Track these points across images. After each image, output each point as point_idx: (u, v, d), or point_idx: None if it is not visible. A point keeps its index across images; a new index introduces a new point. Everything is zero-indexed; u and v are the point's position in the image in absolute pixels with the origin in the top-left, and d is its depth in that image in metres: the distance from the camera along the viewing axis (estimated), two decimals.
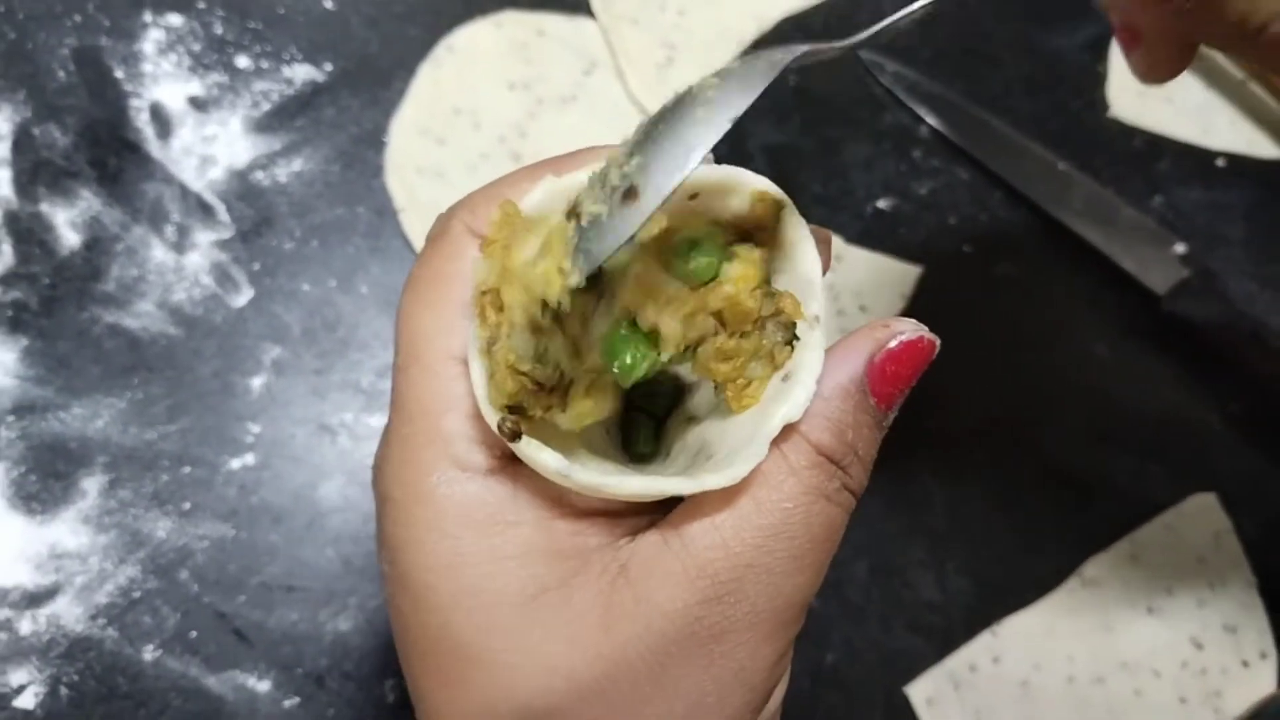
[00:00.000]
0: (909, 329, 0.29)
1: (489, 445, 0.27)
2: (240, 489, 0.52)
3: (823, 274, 0.29)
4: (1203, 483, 0.57)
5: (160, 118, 0.57)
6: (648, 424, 0.32)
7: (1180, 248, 0.59)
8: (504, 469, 0.27)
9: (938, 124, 0.60)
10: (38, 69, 0.56)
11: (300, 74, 0.58)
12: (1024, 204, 0.60)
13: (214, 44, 0.58)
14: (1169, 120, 0.62)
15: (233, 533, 0.52)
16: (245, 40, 0.58)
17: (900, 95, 0.61)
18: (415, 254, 0.52)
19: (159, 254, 0.55)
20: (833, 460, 0.28)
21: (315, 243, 0.56)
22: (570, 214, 0.26)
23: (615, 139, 0.63)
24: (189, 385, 0.53)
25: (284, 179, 0.57)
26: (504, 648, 0.27)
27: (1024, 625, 0.54)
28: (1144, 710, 0.54)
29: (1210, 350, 0.58)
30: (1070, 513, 0.56)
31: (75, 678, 0.49)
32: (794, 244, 0.28)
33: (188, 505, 0.52)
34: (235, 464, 0.52)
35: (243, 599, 0.51)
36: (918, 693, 0.53)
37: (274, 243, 0.56)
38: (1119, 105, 0.62)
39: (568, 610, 0.27)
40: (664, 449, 0.31)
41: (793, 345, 0.28)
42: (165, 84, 0.57)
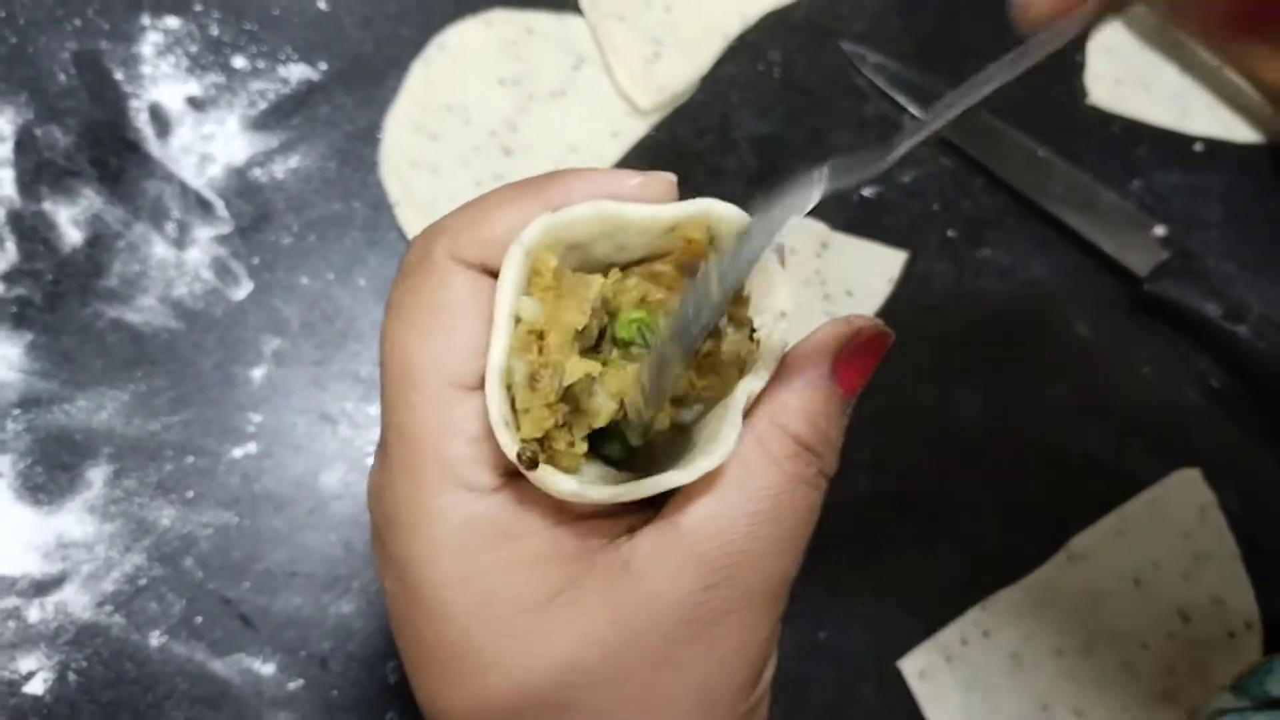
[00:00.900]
0: (868, 324, 0.31)
1: (493, 466, 0.29)
2: (243, 477, 0.53)
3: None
4: (1186, 458, 0.58)
5: (159, 118, 0.58)
6: (618, 433, 0.33)
7: (1160, 230, 0.60)
8: (507, 485, 0.29)
9: (920, 113, 0.62)
10: (39, 72, 0.58)
11: (296, 73, 0.59)
12: (1005, 190, 0.61)
13: (211, 45, 0.59)
14: (1146, 106, 0.63)
15: (236, 520, 0.53)
16: (241, 41, 0.60)
17: (882, 86, 0.62)
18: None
19: (160, 250, 0.56)
20: (810, 449, 0.30)
21: (313, 237, 0.57)
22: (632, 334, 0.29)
23: (604, 132, 0.64)
24: (191, 377, 0.54)
25: (281, 175, 0.58)
26: (520, 650, 0.28)
27: (1013, 599, 0.55)
28: (1132, 681, 0.55)
29: (1190, 329, 0.59)
30: (1056, 489, 0.57)
31: (83, 664, 0.50)
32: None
33: (191, 494, 0.53)
34: (238, 453, 0.53)
35: (247, 584, 0.52)
36: (910, 666, 0.54)
37: (272, 238, 0.57)
38: (1097, 93, 0.63)
39: (579, 609, 0.28)
40: (639, 452, 0.33)
41: (756, 342, 0.30)
42: (164, 85, 0.59)
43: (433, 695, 0.30)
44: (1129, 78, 0.64)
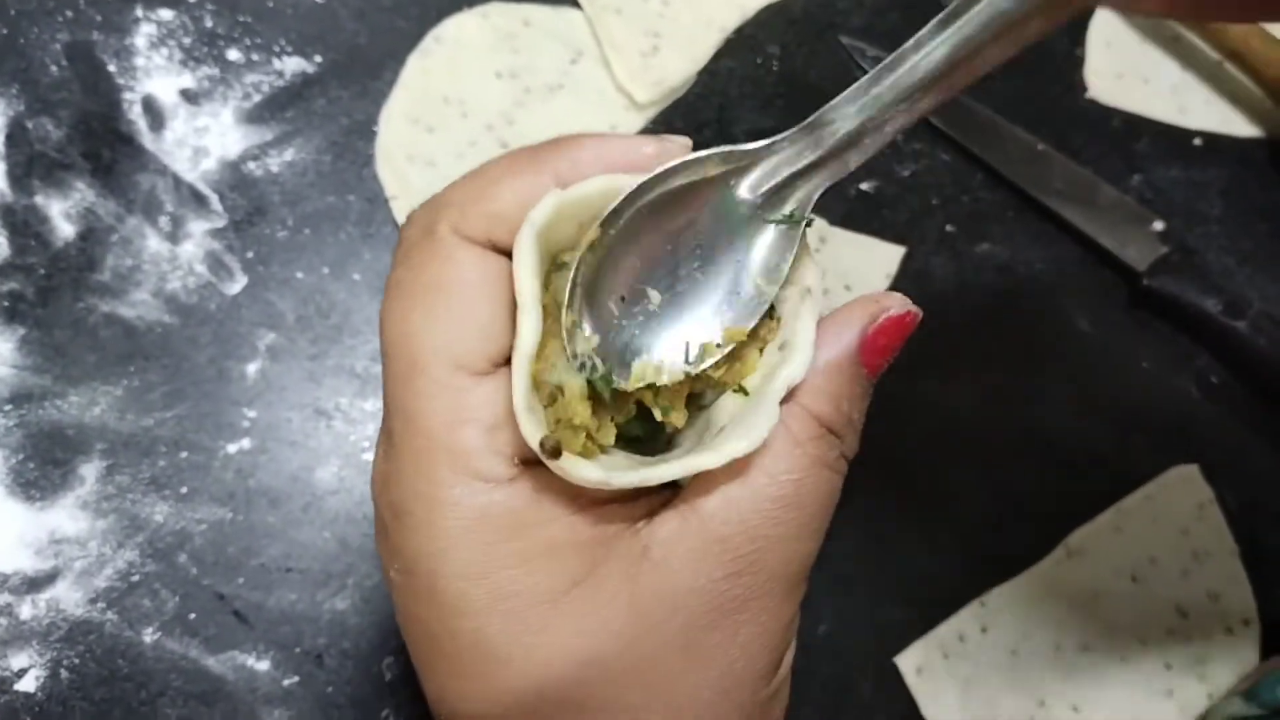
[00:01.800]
0: (896, 304, 0.30)
1: (509, 455, 0.27)
2: (237, 473, 0.53)
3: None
4: (1184, 454, 0.58)
5: (153, 110, 0.57)
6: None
7: (1159, 225, 0.60)
8: (524, 474, 0.28)
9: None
10: (30, 63, 0.57)
11: (290, 66, 0.59)
12: (1005, 185, 0.61)
13: (205, 37, 0.59)
14: (1146, 101, 0.63)
15: (230, 516, 0.52)
16: (236, 33, 0.59)
17: None
18: None
19: (153, 244, 0.55)
20: (833, 430, 0.29)
21: (308, 231, 0.57)
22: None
23: (601, 126, 0.64)
24: (185, 372, 0.54)
25: (276, 169, 0.57)
26: (538, 644, 0.27)
27: (1011, 595, 0.55)
28: (1130, 677, 0.54)
29: (1190, 324, 0.59)
30: (1055, 485, 0.57)
31: (76, 661, 0.50)
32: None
33: (185, 489, 0.52)
34: (232, 448, 0.53)
35: (241, 581, 0.51)
36: (907, 662, 0.54)
37: (267, 231, 0.56)
38: (1096, 87, 0.63)
39: (598, 599, 0.28)
40: (653, 429, 0.32)
41: (776, 319, 0.30)
42: (157, 77, 0.58)
43: (443, 691, 0.29)
44: (1129, 72, 0.63)
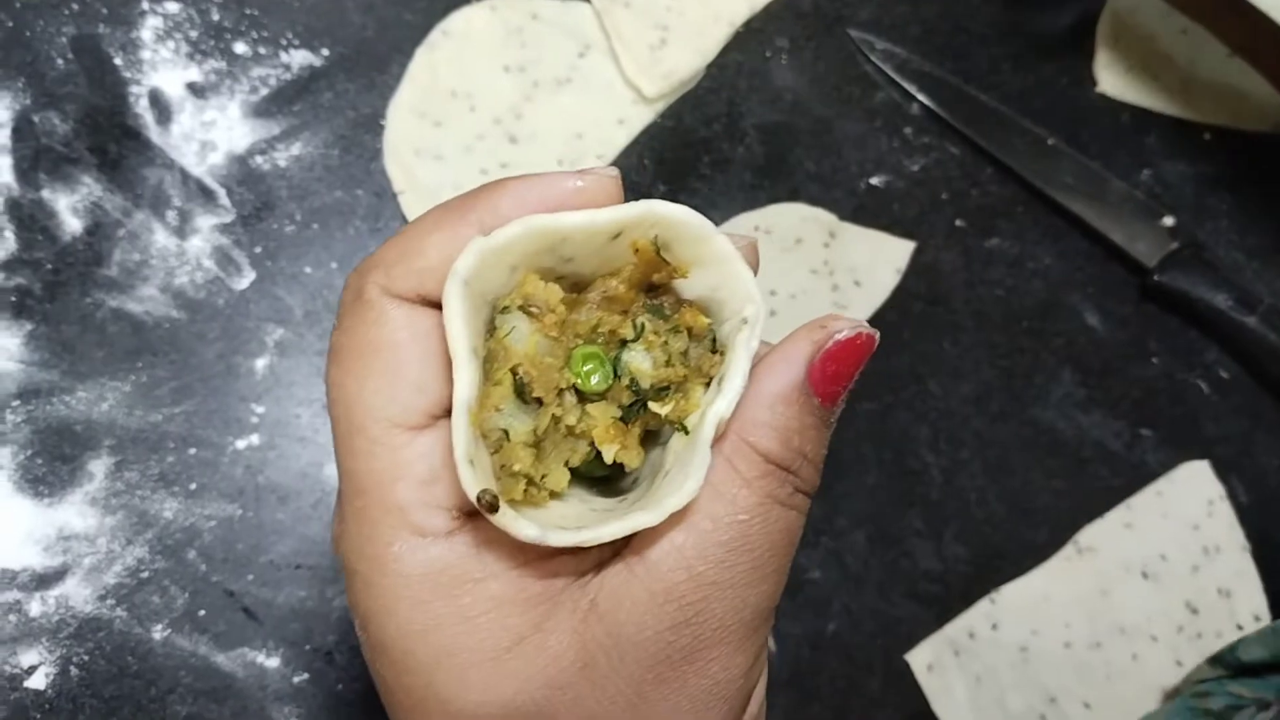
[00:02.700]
0: (845, 326, 0.29)
1: (448, 508, 0.27)
2: (246, 469, 0.53)
3: (754, 275, 0.29)
4: (1195, 450, 0.58)
5: (159, 104, 0.57)
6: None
7: (1169, 220, 0.60)
8: (464, 527, 0.27)
9: (928, 101, 0.61)
10: (36, 57, 0.57)
11: (298, 59, 0.59)
12: (1014, 179, 0.61)
13: (211, 30, 0.59)
14: (1155, 96, 0.63)
15: (239, 512, 0.52)
16: (243, 26, 0.59)
17: (891, 73, 0.62)
18: None
19: (161, 239, 0.55)
20: (782, 466, 0.28)
21: (315, 225, 0.56)
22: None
23: (610, 120, 0.64)
24: (193, 368, 0.54)
25: (283, 163, 0.57)
26: (485, 701, 0.27)
27: (1021, 592, 0.55)
28: (1141, 673, 0.54)
29: (1199, 319, 0.59)
30: (1064, 481, 0.57)
31: (85, 658, 0.50)
32: (721, 258, 0.28)
33: (194, 486, 0.52)
34: (241, 444, 0.53)
35: (251, 577, 0.51)
36: (918, 659, 0.54)
37: (275, 226, 0.56)
38: (1106, 82, 0.63)
39: (544, 655, 0.27)
40: (615, 467, 0.32)
41: (719, 352, 0.29)
42: (164, 70, 0.58)
43: None
44: (1138, 67, 0.63)
